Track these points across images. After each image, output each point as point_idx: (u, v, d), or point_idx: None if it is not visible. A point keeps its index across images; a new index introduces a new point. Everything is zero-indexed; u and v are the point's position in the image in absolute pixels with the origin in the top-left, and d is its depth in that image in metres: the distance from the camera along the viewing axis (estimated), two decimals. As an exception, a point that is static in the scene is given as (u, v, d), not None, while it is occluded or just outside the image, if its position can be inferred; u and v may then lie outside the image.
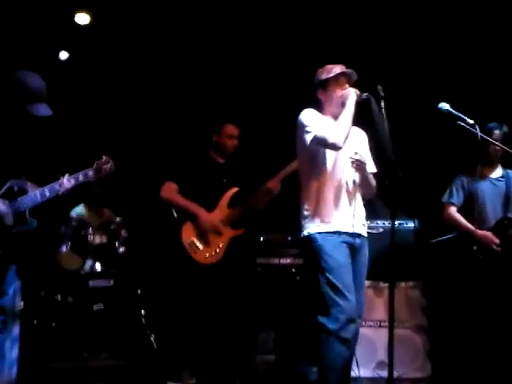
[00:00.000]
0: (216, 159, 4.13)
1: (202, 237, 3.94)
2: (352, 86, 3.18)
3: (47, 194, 3.01)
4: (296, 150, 3.27)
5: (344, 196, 3.17)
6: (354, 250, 3.16)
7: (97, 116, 5.34)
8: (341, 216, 3.14)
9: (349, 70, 3.21)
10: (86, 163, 3.31)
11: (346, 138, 3.07)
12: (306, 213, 3.19)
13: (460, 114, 3.21)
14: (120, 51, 5.20)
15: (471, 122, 3.25)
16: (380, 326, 4.09)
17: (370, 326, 4.16)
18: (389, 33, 4.83)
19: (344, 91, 3.15)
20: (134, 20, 5.02)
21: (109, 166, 3.26)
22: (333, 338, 2.99)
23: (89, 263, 4.63)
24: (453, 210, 4.01)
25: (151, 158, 5.27)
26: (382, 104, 2.79)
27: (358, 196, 3.23)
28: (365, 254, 3.23)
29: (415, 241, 4.19)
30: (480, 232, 3.85)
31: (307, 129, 3.14)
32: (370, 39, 4.85)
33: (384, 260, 3.85)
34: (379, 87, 2.84)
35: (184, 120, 5.34)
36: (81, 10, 4.93)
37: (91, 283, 4.50)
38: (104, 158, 3.26)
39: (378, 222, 4.23)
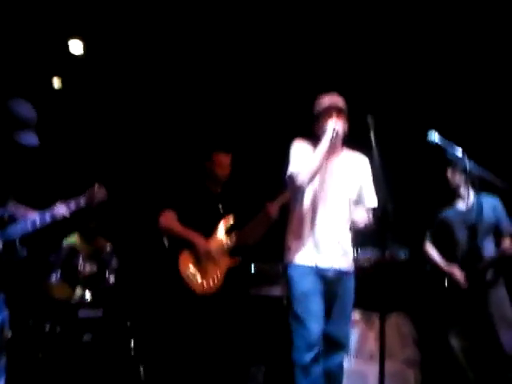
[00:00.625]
0: (212, 188, 4.12)
1: (200, 266, 3.91)
2: (342, 116, 3.18)
3: (38, 222, 3.01)
4: None
5: (322, 230, 3.17)
6: (331, 284, 3.16)
7: (89, 144, 5.34)
8: (315, 250, 3.16)
9: (334, 103, 3.20)
10: (78, 191, 3.33)
11: (313, 176, 3.09)
12: (286, 242, 3.26)
13: (448, 145, 3.22)
14: (111, 81, 5.24)
15: (460, 152, 3.26)
16: (371, 359, 4.03)
17: (361, 359, 4.10)
18: (380, 62, 4.89)
19: (328, 124, 3.13)
20: (125, 50, 5.08)
21: (101, 193, 3.28)
22: (296, 367, 3.07)
23: (78, 293, 4.59)
24: (428, 246, 4.09)
25: (147, 186, 5.26)
26: (372, 135, 2.79)
27: (343, 230, 3.23)
28: (345, 287, 3.22)
29: (406, 271, 4.18)
30: (447, 267, 3.90)
31: (289, 163, 3.18)
32: (361, 68, 4.90)
33: (375, 291, 3.87)
34: (369, 117, 2.85)
35: (179, 148, 5.35)
36: (74, 37, 4.97)
37: (80, 313, 4.45)
38: (96, 185, 3.29)
39: (370, 252, 4.22)
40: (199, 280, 3.88)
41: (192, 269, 3.90)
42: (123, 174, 5.28)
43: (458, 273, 3.82)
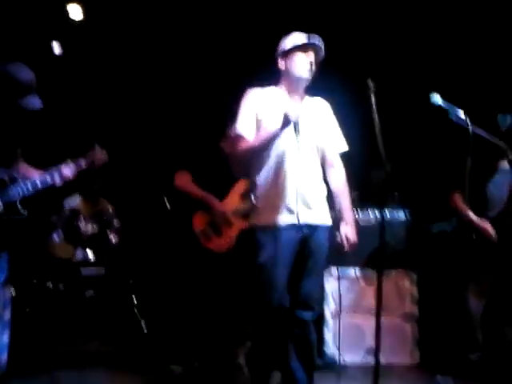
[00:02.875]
0: (227, 151, 4.10)
1: (214, 226, 3.99)
2: (318, 61, 3.05)
3: (39, 184, 3.04)
4: None
5: (291, 185, 2.98)
6: (303, 241, 3.00)
7: (91, 108, 5.32)
8: (287, 206, 2.98)
9: (313, 40, 3.03)
10: (80, 153, 3.35)
11: (250, 154, 3.01)
12: (251, 201, 3.14)
13: (451, 107, 3.23)
14: (111, 46, 5.18)
15: (463, 115, 3.28)
16: (370, 314, 4.14)
17: (360, 314, 4.22)
18: (379, 25, 4.83)
19: (287, 111, 2.88)
20: (130, 15, 5.01)
21: (101, 155, 3.31)
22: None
23: (80, 252, 4.66)
24: (457, 196, 3.97)
25: (160, 148, 5.26)
26: (373, 98, 2.79)
27: (316, 181, 3.07)
28: (318, 243, 3.04)
29: (406, 231, 4.24)
30: (479, 223, 3.85)
31: (238, 120, 3.05)
32: (360, 32, 4.85)
33: (375, 251, 3.95)
34: (369, 81, 2.84)
35: (194, 110, 5.29)
36: (73, 1, 4.90)
37: (83, 271, 4.53)
38: (97, 147, 3.31)
39: (370, 213, 4.29)
40: (211, 237, 3.97)
41: (206, 227, 3.98)
42: (125, 136, 5.28)
43: (490, 229, 3.82)
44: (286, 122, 2.87)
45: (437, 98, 3.18)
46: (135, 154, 5.31)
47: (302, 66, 3.02)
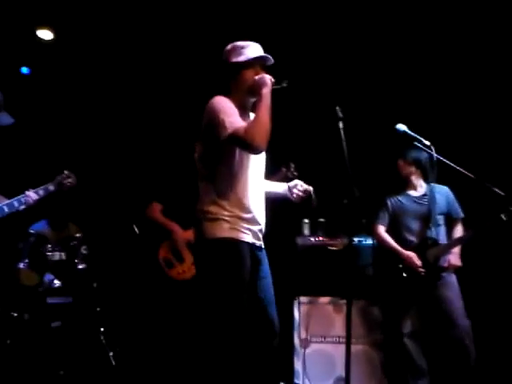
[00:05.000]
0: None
1: (177, 254, 4.15)
2: (266, 71, 2.86)
3: (5, 209, 3.01)
4: (202, 140, 2.88)
5: (254, 201, 2.86)
6: (257, 262, 2.88)
7: (60, 131, 5.28)
8: (251, 223, 2.84)
9: (265, 54, 2.87)
10: (48, 178, 3.33)
11: (268, 137, 2.71)
12: (211, 214, 2.83)
13: (416, 136, 3.32)
14: (82, 66, 5.18)
15: (427, 143, 3.37)
16: (339, 342, 4.14)
17: (329, 342, 4.20)
18: (348, 54, 4.92)
19: (258, 78, 2.78)
20: (100, 36, 5.02)
21: (70, 180, 3.31)
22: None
23: (47, 279, 4.56)
24: (380, 229, 4.11)
25: (132, 174, 5.26)
26: (341, 125, 2.84)
27: (263, 203, 2.96)
28: (266, 265, 2.94)
29: (373, 257, 4.27)
30: (405, 253, 3.94)
31: (224, 121, 2.71)
32: (330, 60, 4.92)
33: (343, 276, 3.98)
34: (338, 108, 2.89)
35: (164, 136, 5.30)
36: (43, 26, 4.90)
37: (49, 300, 4.44)
38: (65, 172, 3.30)
39: (338, 239, 4.31)
40: (174, 266, 4.13)
41: (169, 255, 4.16)
42: (94, 162, 5.24)
43: (415, 259, 3.91)
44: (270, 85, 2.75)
45: (401, 127, 3.29)
46: (105, 180, 5.27)
47: (262, 79, 2.81)
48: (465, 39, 4.67)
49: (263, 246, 2.96)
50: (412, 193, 4.09)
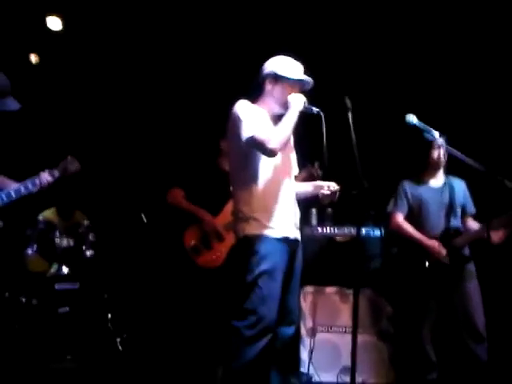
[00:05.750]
0: (223, 167, 4.09)
1: (205, 241, 4.02)
2: (303, 93, 3.06)
3: (13, 195, 3.03)
4: (229, 143, 3.11)
5: (283, 199, 3.05)
6: (292, 255, 3.06)
7: (74, 119, 5.28)
8: (281, 220, 3.02)
9: (309, 80, 3.09)
10: (52, 164, 3.35)
11: (285, 144, 2.98)
12: (243, 213, 3.03)
13: (426, 127, 3.28)
14: (90, 56, 5.17)
15: (437, 134, 3.34)
16: (345, 332, 4.14)
17: (336, 332, 4.21)
18: (358, 43, 4.90)
19: (294, 96, 3.00)
20: (119, 22, 5.01)
21: (74, 165, 3.35)
22: (242, 340, 2.90)
23: (55, 266, 4.59)
24: (400, 218, 3.99)
25: (155, 163, 5.23)
26: (350, 115, 2.83)
27: (295, 201, 3.15)
28: (300, 258, 3.13)
29: (381, 249, 4.26)
30: (429, 241, 3.86)
31: (245, 125, 2.94)
32: (338, 49, 4.90)
33: (350, 267, 3.97)
34: (347, 99, 2.88)
35: (191, 125, 5.26)
36: (52, 13, 4.88)
37: (57, 286, 4.47)
38: (69, 158, 3.37)
39: (346, 229, 4.30)
40: (203, 253, 3.99)
41: (197, 242, 4.01)
42: (104, 149, 5.24)
43: (440, 248, 3.85)
44: (301, 105, 2.96)
45: (412, 118, 3.24)
46: (112, 167, 5.28)
47: (296, 98, 3.01)
48: (478, 28, 4.62)
49: (298, 239, 3.11)
50: (432, 182, 4.02)
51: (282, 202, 3.04)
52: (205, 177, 4.11)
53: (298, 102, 2.99)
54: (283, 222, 3.03)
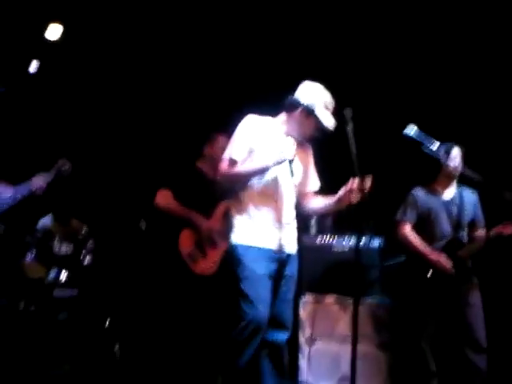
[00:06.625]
0: (206, 171, 4.07)
1: (200, 247, 3.90)
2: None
3: (9, 200, 3.09)
4: None
5: (272, 211, 3.14)
6: (281, 266, 3.15)
7: (71, 125, 5.29)
8: (266, 231, 3.13)
9: (328, 127, 3.11)
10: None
11: (234, 180, 3.14)
12: (233, 221, 3.20)
13: (424, 139, 3.27)
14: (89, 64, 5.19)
15: (435, 146, 3.33)
16: (344, 341, 4.12)
17: (334, 341, 4.20)
18: (359, 54, 4.91)
19: (286, 146, 3.02)
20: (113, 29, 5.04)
21: (66, 167, 3.70)
22: (236, 346, 3.06)
23: (53, 273, 4.59)
24: (407, 227, 3.96)
25: (137, 166, 5.24)
26: (350, 126, 2.84)
27: (293, 214, 3.22)
28: (292, 270, 3.21)
29: (380, 259, 4.26)
30: (433, 255, 3.82)
31: (231, 144, 3.14)
32: (340, 60, 4.92)
33: (349, 276, 3.96)
34: (347, 110, 2.89)
35: (172, 130, 5.30)
36: (53, 21, 4.90)
37: (55, 293, 4.47)
38: (60, 161, 3.71)
39: (345, 239, 4.31)
40: (198, 259, 3.88)
41: (193, 249, 3.89)
42: (102, 154, 5.25)
43: (445, 260, 3.82)
44: (282, 159, 3.01)
45: (410, 130, 3.22)
46: (110, 173, 5.28)
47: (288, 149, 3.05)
48: (478, 35, 4.62)
49: (289, 251, 3.18)
50: (443, 192, 3.96)
51: (270, 213, 3.14)
52: (188, 179, 4.01)
53: (283, 154, 3.02)
54: (268, 234, 3.13)
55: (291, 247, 3.20)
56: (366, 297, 4.15)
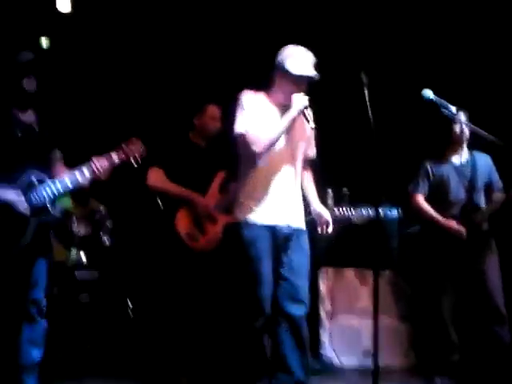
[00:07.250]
0: (197, 143, 3.97)
1: (198, 224, 3.81)
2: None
3: (68, 184, 2.99)
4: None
5: (277, 187, 3.09)
6: (285, 240, 3.10)
7: (77, 102, 5.26)
8: (270, 207, 3.08)
9: (314, 75, 3.05)
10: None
11: (270, 147, 3.02)
12: (238, 198, 3.16)
13: (443, 102, 3.21)
14: (100, 37, 5.14)
15: (454, 109, 3.26)
16: (365, 314, 4.09)
17: (355, 315, 4.17)
18: (373, 18, 4.81)
19: (295, 96, 3.02)
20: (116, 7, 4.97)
21: (139, 148, 3.17)
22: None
23: (73, 254, 4.60)
24: (420, 199, 3.95)
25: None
26: (366, 91, 2.77)
27: (296, 187, 3.18)
28: (300, 244, 3.14)
29: (398, 229, 4.21)
30: (447, 223, 3.81)
31: (240, 118, 3.06)
32: (353, 24, 4.80)
33: (368, 248, 3.90)
34: (363, 74, 2.82)
35: (162, 102, 5.19)
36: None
37: (78, 275, 4.48)
38: (132, 139, 3.17)
39: (363, 210, 4.24)
40: (198, 238, 3.79)
41: (191, 227, 3.79)
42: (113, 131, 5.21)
43: (457, 226, 3.79)
44: (302, 106, 2.98)
45: (428, 93, 3.16)
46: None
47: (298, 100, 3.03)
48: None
49: (296, 226, 3.13)
50: (454, 158, 3.93)
51: (275, 189, 3.09)
52: (181, 153, 3.86)
53: (297, 104, 3.00)
54: (273, 210, 3.07)
55: (298, 222, 3.15)
56: (386, 268, 4.11)
